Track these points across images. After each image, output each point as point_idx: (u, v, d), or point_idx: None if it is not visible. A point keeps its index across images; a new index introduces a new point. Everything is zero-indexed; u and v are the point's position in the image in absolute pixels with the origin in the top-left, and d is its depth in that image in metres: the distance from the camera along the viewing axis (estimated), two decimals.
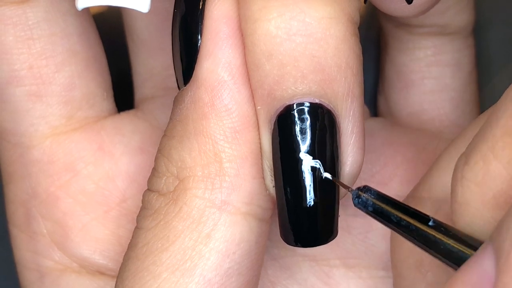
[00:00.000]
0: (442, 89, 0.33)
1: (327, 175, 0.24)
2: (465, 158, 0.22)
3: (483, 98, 0.35)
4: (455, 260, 0.22)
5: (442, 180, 0.26)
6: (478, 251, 0.21)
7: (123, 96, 0.34)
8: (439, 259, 0.22)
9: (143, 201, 0.26)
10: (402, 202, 0.23)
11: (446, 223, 0.23)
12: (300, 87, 0.24)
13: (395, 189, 0.31)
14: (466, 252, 0.22)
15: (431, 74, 0.33)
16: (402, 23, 0.33)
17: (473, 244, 0.22)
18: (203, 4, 0.25)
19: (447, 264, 0.22)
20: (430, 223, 0.22)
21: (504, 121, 0.21)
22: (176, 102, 0.26)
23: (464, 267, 0.21)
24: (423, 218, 0.22)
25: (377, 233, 0.31)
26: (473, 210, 0.22)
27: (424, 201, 0.27)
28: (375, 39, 0.36)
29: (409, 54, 0.33)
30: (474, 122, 0.27)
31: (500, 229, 0.20)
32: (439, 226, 0.22)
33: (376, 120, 0.34)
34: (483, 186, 0.22)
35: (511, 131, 0.21)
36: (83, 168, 0.31)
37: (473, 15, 0.33)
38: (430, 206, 0.26)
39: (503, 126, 0.21)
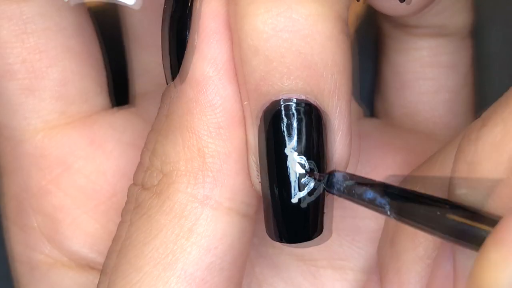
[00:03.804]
0: (437, 91, 0.33)
1: (298, 169, 0.25)
2: (481, 121, 0.22)
3: (483, 98, 0.35)
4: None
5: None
6: None
7: (119, 91, 0.34)
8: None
9: (128, 195, 0.26)
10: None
11: None
12: (286, 83, 0.24)
13: None
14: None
15: (426, 75, 0.33)
16: (399, 23, 0.33)
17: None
18: (192, 1, 0.25)
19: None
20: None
21: None
22: (164, 97, 0.26)
23: None
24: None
25: (365, 236, 0.31)
26: (483, 170, 0.22)
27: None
28: (373, 39, 0.36)
29: (406, 55, 0.33)
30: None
31: None
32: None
33: (369, 121, 0.34)
34: (500, 147, 0.22)
35: None
36: (74, 162, 0.31)
37: (471, 17, 0.33)
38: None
39: None
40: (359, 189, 0.23)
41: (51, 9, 0.30)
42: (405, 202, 0.22)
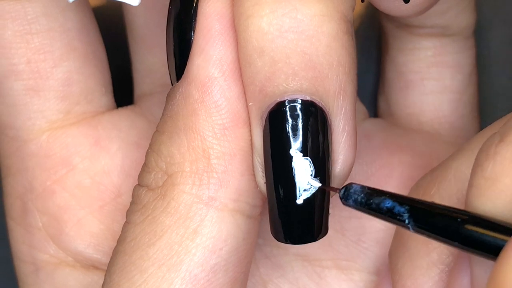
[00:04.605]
0: (442, 91, 0.33)
1: (313, 182, 0.25)
2: (499, 136, 0.22)
3: (483, 98, 0.35)
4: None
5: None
6: None
7: (124, 91, 0.34)
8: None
9: (133, 196, 0.26)
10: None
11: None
12: (291, 84, 0.24)
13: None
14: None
15: (430, 75, 0.33)
16: (403, 23, 0.33)
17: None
18: (197, 1, 0.25)
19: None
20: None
21: None
22: (168, 98, 0.26)
23: None
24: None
25: (371, 236, 0.31)
26: (501, 186, 0.22)
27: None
28: (376, 39, 0.36)
29: (409, 55, 0.33)
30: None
31: None
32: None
33: (374, 121, 0.33)
34: None
35: None
36: (79, 162, 0.31)
37: (474, 17, 0.33)
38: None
39: None
40: (377, 199, 0.23)
41: (56, 9, 0.30)
42: (424, 211, 0.22)
